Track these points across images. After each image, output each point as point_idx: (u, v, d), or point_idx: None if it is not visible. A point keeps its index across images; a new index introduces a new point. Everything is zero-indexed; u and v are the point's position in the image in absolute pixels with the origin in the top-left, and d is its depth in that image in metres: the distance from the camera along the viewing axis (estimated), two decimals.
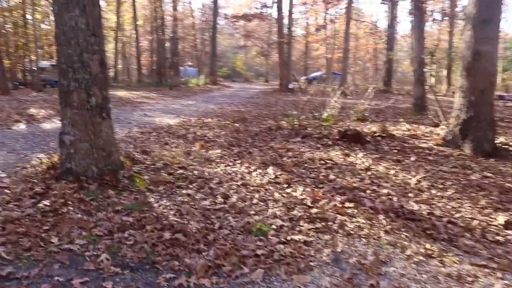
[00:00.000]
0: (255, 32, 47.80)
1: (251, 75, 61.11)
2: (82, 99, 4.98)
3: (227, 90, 30.13)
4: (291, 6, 26.83)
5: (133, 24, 36.28)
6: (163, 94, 22.43)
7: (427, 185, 5.67)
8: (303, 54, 41.69)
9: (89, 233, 3.79)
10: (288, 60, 26.75)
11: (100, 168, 5.11)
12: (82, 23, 4.92)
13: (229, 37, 61.81)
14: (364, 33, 41.00)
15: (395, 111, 14.70)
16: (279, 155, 6.98)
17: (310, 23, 41.82)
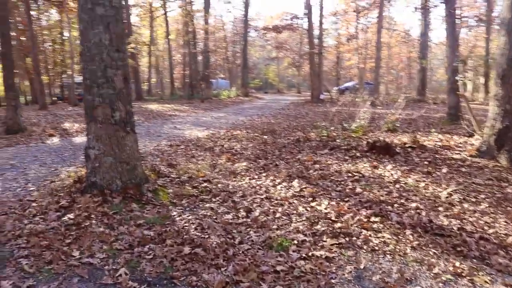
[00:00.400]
0: (287, 43, 47.97)
1: (283, 86, 61.22)
2: (106, 114, 5.04)
3: (259, 101, 30.18)
4: (322, 16, 26.73)
5: (165, 38, 36.90)
6: (194, 107, 22.65)
7: (458, 198, 5.45)
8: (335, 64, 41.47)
9: (109, 247, 3.80)
10: (319, 70, 26.60)
11: (124, 182, 5.14)
12: (106, 39, 4.99)
13: (261, 49, 62.18)
14: (396, 42, 40.43)
15: (428, 121, 14.34)
16: (306, 168, 6.87)
17: (342, 33, 41.64)
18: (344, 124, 10.71)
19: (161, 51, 45.65)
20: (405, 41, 35.04)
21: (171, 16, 40.53)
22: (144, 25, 41.21)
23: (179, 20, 36.46)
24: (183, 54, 38.41)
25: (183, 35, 33.39)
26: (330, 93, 26.31)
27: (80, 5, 5.08)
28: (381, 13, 24.48)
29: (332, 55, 44.67)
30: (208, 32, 34.27)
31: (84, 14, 5.01)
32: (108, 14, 5.01)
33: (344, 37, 36.49)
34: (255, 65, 59.99)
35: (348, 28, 39.53)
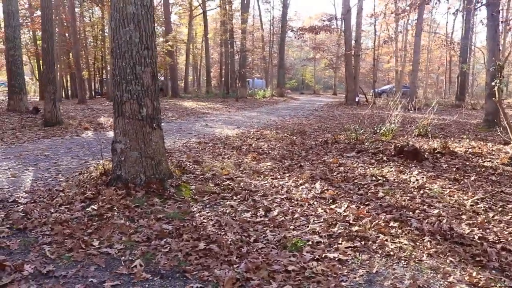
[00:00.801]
0: (324, 44, 47.68)
1: (320, 87, 60.90)
2: (134, 110, 5.18)
3: (293, 102, 30.15)
4: (359, 18, 26.43)
5: (204, 37, 37.34)
6: (228, 105, 22.84)
7: (484, 207, 5.31)
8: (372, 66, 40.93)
9: (128, 239, 3.92)
10: (355, 73, 26.33)
11: (148, 176, 5.28)
12: (136, 37, 5.14)
13: (299, 49, 62.04)
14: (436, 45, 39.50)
15: (464, 126, 14.01)
16: (330, 170, 6.85)
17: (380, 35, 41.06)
18: (375, 128, 10.59)
19: (199, 49, 46.24)
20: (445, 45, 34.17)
21: (210, 15, 41.02)
22: (183, 24, 41.85)
23: (218, 19, 36.84)
24: (220, 52, 38.76)
25: (221, 34, 33.71)
26: (365, 95, 25.99)
27: (112, 4, 5.25)
28: (420, 16, 23.99)
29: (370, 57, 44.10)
30: (246, 31, 34.44)
31: (116, 12, 5.17)
32: (138, 12, 5.15)
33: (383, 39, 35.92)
34: (292, 66, 59.91)
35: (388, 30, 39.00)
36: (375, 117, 14.55)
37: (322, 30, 27.28)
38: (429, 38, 41.34)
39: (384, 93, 37.66)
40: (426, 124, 10.63)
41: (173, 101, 24.34)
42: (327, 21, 28.56)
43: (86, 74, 32.64)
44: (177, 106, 20.84)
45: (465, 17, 26.47)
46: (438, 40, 36.65)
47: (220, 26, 33.56)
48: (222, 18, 31.78)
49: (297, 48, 62.12)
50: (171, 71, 30.42)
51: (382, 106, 15.10)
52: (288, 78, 53.76)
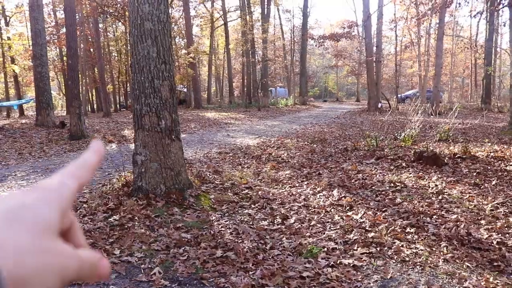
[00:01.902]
0: (346, 51, 47.53)
1: (343, 94, 60.68)
2: (153, 122, 5.34)
3: (315, 110, 30.13)
4: (380, 24, 26.34)
5: (225, 48, 37.74)
6: (250, 115, 22.99)
7: (504, 212, 5.27)
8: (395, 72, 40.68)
9: (148, 247, 4.05)
10: (377, 79, 26.20)
11: (168, 187, 5.41)
12: (154, 52, 5.31)
13: (320, 57, 62.01)
14: (458, 48, 38.98)
15: (488, 130, 13.79)
16: (348, 177, 6.88)
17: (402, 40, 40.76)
18: (395, 134, 10.56)
19: (221, 60, 46.73)
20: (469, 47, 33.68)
21: (231, 26, 41.46)
22: (205, 35, 42.40)
23: (239, 29, 37.22)
24: (242, 63, 39.09)
25: (242, 45, 34.04)
26: (388, 101, 25.82)
27: (130, 21, 5.45)
28: (441, 19, 23.77)
29: (392, 63, 43.81)
30: (267, 41, 34.69)
31: (134, 28, 5.36)
32: (155, 28, 5.33)
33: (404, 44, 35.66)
34: (314, 73, 59.86)
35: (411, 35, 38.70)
36: (397, 123, 14.46)
37: (343, 37, 27.31)
38: (452, 41, 40.81)
39: (408, 99, 37.29)
40: (447, 129, 10.54)
41: (196, 112, 24.65)
42: (347, 28, 28.57)
43: (111, 88, 33.34)
44: (199, 117, 21.10)
45: (489, 19, 26.09)
46: (461, 43, 36.20)
47: (241, 37, 33.88)
48: (242, 28, 32.09)
49: (319, 56, 62.10)
50: (194, 83, 30.81)
51: (404, 111, 14.97)
52: (310, 86, 53.73)
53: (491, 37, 26.41)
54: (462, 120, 16.24)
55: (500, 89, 41.13)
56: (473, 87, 42.35)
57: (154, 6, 5.32)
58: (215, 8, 37.84)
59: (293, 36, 47.32)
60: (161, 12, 5.39)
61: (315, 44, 31.42)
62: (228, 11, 37.52)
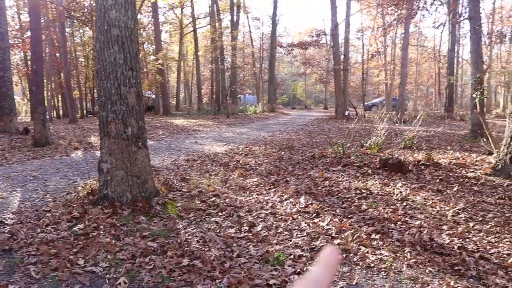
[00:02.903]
0: (314, 59, 48.09)
1: (311, 102, 61.25)
2: (119, 129, 5.28)
3: (284, 117, 30.30)
4: (347, 33, 26.80)
5: (194, 54, 37.61)
6: (219, 122, 22.95)
7: (465, 217, 5.42)
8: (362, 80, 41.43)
9: (113, 257, 3.98)
10: (344, 87, 26.60)
11: (134, 195, 5.35)
12: (121, 58, 5.25)
13: (289, 65, 62.52)
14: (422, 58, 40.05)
15: (451, 137, 14.18)
16: (315, 184, 6.95)
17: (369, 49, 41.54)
18: (361, 141, 10.74)
19: (190, 67, 46.52)
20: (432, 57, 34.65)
21: (201, 33, 41.36)
22: (174, 42, 42.16)
23: (208, 36, 37.16)
24: (211, 70, 39.03)
25: (211, 51, 33.99)
26: (355, 109, 26.22)
27: (97, 27, 5.38)
28: (406, 30, 24.38)
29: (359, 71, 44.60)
30: (236, 48, 34.74)
31: (101, 34, 5.30)
32: (122, 34, 5.28)
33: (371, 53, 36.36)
34: (283, 81, 60.27)
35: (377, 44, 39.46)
36: (363, 130, 14.71)
37: (311, 45, 27.61)
38: (417, 51, 41.86)
39: (374, 106, 38.01)
40: (412, 137, 10.79)
41: (164, 119, 24.43)
42: (315, 36, 28.87)
43: (78, 93, 32.73)
44: (168, 123, 20.93)
45: (451, 30, 26.88)
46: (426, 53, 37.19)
47: (211, 44, 33.84)
48: (212, 35, 32.06)
49: (288, 64, 62.62)
50: (162, 89, 30.55)
51: (371, 119, 15.24)
52: (279, 93, 54.09)
53: (453, 47, 27.17)
54: (426, 128, 16.62)
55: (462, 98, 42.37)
56: (437, 96, 43.52)
57: (121, 12, 5.28)
58: (185, 14, 37.68)
59: (262, 44, 47.60)
60: (129, 18, 5.35)
61: (284, 52, 31.62)
62: (197, 17, 37.44)
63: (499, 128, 15.41)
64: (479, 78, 8.27)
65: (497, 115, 29.39)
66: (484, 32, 20.92)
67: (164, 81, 30.67)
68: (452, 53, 27.16)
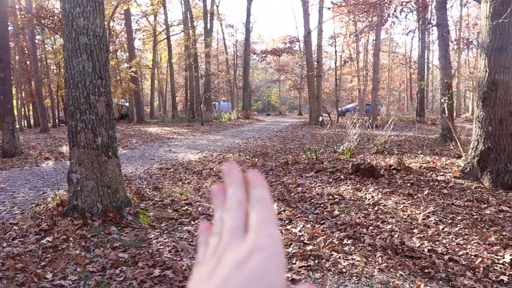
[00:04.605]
0: (288, 66, 48.43)
1: (286, 108, 61.56)
2: (89, 139, 5.20)
3: (259, 124, 30.37)
4: (320, 40, 27.09)
5: (168, 62, 37.43)
6: (193, 130, 22.84)
7: (435, 220, 5.52)
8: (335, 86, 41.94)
9: (83, 269, 3.90)
10: (318, 93, 26.84)
11: (105, 205, 5.27)
12: (89, 67, 5.19)
13: (263, 72, 62.75)
14: (393, 63, 40.78)
15: (422, 142, 14.43)
16: (288, 191, 6.97)
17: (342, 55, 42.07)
18: (334, 147, 10.84)
19: (164, 74, 46.25)
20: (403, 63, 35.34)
21: (174, 40, 41.22)
22: (147, 49, 41.88)
23: (182, 43, 37.04)
24: (185, 77, 38.88)
25: (185, 59, 33.87)
26: (329, 115, 26.47)
27: (65, 35, 5.30)
28: (378, 36, 24.78)
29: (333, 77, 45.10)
30: (210, 55, 34.73)
31: (69, 43, 5.22)
32: (91, 43, 5.21)
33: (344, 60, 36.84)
34: (257, 88, 60.49)
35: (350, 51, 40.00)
36: (337, 136, 14.84)
37: (284, 52, 27.83)
38: (389, 57, 42.58)
39: (348, 112, 38.41)
40: (383, 142, 10.94)
41: (138, 127, 24.21)
42: (289, 43, 29.13)
43: (49, 102, 32.16)
44: (141, 132, 20.74)
45: (420, 37, 27.46)
46: (397, 59, 37.87)
47: (184, 51, 33.72)
48: (185, 43, 31.97)
49: (262, 70, 62.82)
50: (136, 97, 30.29)
51: (344, 125, 15.40)
52: (254, 100, 54.26)
53: (423, 53, 27.76)
54: (398, 132, 16.89)
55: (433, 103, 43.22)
56: (408, 101, 44.28)
57: (89, 20, 5.22)
58: (158, 22, 37.51)
59: (236, 51, 47.67)
60: (97, 26, 5.29)
61: (258, 59, 31.77)
62: (171, 25, 37.32)
63: (467, 132, 15.76)
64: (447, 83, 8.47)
65: (467, 119, 30.09)
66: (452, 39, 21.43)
67: (138, 89, 30.42)
68: (422, 59, 27.74)
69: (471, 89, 27.12)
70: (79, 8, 5.16)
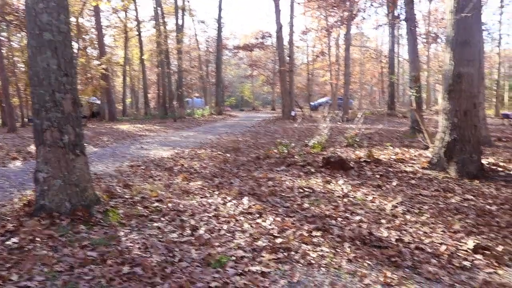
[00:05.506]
0: (260, 61, 48.47)
1: (259, 103, 61.58)
2: (55, 137, 5.11)
3: (232, 119, 30.34)
4: (291, 35, 27.20)
5: (140, 59, 36.99)
6: (166, 126, 22.67)
7: (402, 210, 5.64)
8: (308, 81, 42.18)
9: (50, 269, 3.84)
10: (290, 88, 26.96)
11: (74, 204, 5.19)
12: (54, 64, 5.09)
13: (236, 67, 62.67)
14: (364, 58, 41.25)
15: (393, 134, 14.68)
16: (258, 185, 7.01)
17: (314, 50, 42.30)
18: (306, 141, 10.92)
19: (136, 71, 45.69)
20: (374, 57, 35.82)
21: (146, 36, 40.73)
22: (118, 46, 41.28)
23: (153, 40, 36.64)
24: (158, 73, 38.51)
25: (157, 55, 33.54)
26: (302, 109, 26.62)
27: (28, 31, 5.19)
28: (349, 31, 25.03)
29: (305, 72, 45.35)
30: (182, 51, 34.49)
31: (32, 40, 5.11)
32: (55, 39, 5.11)
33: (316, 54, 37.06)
34: (230, 83, 60.37)
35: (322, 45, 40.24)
36: (309, 130, 14.95)
37: (256, 47, 27.90)
38: (360, 51, 43.00)
39: (321, 106, 38.69)
40: (354, 135, 11.09)
41: (109, 125, 23.88)
42: (261, 38, 29.18)
43: (17, 101, 31.38)
44: (113, 129, 20.46)
45: (390, 32, 27.88)
46: (368, 53, 38.32)
47: (156, 47, 33.37)
48: (157, 39, 31.65)
49: (235, 66, 62.72)
50: (107, 95, 29.88)
51: (316, 119, 15.53)
52: (227, 95, 54.13)
53: (393, 47, 28.23)
54: (369, 125, 17.11)
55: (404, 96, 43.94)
56: (380, 94, 44.90)
57: (53, 16, 5.11)
58: (129, 18, 37.01)
59: (209, 47, 47.45)
60: (62, 23, 5.19)
61: (230, 55, 31.73)
62: (142, 21, 36.90)
63: (435, 124, 16.07)
64: (415, 76, 8.64)
65: (436, 111, 30.65)
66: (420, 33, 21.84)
67: (109, 86, 29.99)
68: (392, 53, 28.18)
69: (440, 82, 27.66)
70: (42, 3, 5.05)
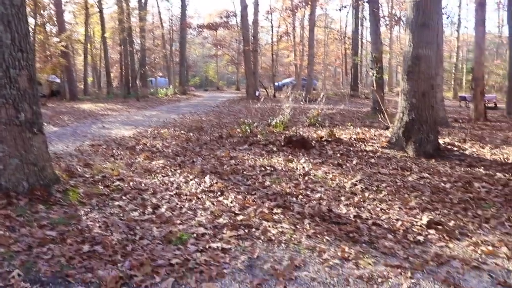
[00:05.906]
0: (225, 41, 48.07)
1: (223, 83, 61.29)
2: (11, 115, 4.96)
3: (196, 99, 30.12)
4: (256, 15, 27.05)
5: (101, 36, 35.99)
6: (128, 106, 22.31)
7: (361, 188, 5.79)
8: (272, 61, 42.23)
9: (7, 250, 3.77)
10: (254, 68, 26.93)
11: (32, 183, 5.09)
12: (8, 38, 4.91)
13: (201, 47, 61.95)
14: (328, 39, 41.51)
15: (355, 115, 14.94)
16: (221, 163, 7.04)
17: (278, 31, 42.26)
18: (268, 120, 10.99)
19: (97, 50, 44.47)
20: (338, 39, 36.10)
21: (108, 14, 39.61)
22: (79, 23, 39.98)
23: (115, 17, 35.66)
24: (120, 52, 37.64)
25: (119, 33, 32.73)
26: (266, 89, 26.68)
27: None
28: (313, 11, 25.09)
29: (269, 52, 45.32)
30: (145, 30, 33.80)
31: None
32: (8, 12, 4.93)
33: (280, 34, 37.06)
34: (195, 63, 59.70)
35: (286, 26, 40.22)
36: (272, 110, 15.02)
37: (220, 26, 27.63)
38: (324, 32, 43.22)
39: (285, 86, 38.81)
40: (316, 114, 11.23)
41: (70, 104, 23.29)
42: (225, 18, 28.89)
43: None
44: (74, 109, 19.99)
45: (354, 13, 28.12)
46: (332, 34, 38.56)
47: (118, 25, 32.54)
48: (119, 16, 30.85)
49: (199, 45, 61.97)
50: (68, 73, 29.02)
51: (280, 99, 15.63)
52: (191, 75, 53.61)
53: (356, 29, 28.51)
54: (332, 106, 17.34)
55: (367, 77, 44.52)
56: (344, 76, 45.40)
57: None
58: None
59: (172, 25, 46.62)
60: None
61: (195, 34, 31.32)
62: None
63: (395, 104, 16.43)
64: (376, 57, 8.80)
65: (397, 93, 31.33)
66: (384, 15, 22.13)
67: (70, 64, 29.10)
68: (356, 35, 28.48)
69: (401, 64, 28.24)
70: None
